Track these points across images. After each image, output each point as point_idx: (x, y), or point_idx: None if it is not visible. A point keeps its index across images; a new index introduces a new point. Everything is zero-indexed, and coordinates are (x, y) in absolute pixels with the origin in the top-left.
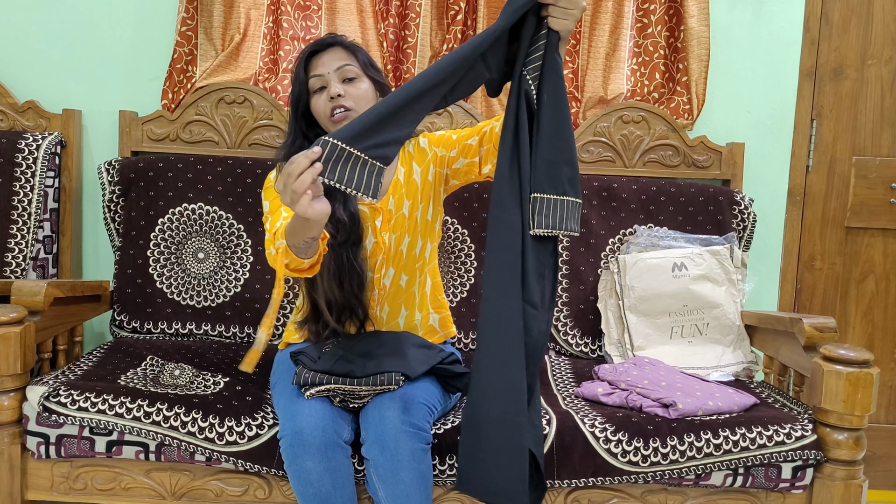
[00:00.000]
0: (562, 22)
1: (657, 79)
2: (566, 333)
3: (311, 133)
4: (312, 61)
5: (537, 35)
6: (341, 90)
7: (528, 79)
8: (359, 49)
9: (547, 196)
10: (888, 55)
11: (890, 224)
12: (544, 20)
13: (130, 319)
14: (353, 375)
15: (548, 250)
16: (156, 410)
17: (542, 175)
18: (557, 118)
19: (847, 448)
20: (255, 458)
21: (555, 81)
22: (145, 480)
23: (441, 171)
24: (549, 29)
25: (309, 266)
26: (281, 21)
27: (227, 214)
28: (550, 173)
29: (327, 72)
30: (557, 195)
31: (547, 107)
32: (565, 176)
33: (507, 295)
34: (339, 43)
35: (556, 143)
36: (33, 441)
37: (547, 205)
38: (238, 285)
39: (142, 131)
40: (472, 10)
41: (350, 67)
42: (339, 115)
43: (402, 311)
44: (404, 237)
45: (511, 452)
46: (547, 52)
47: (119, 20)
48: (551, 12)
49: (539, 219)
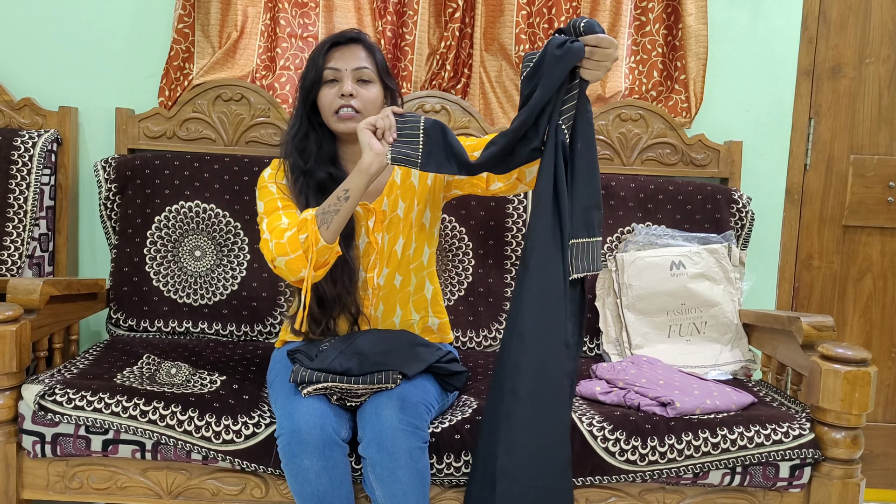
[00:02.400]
0: (594, 73)
1: (655, 77)
2: None
3: (316, 121)
4: (332, 52)
5: (571, 85)
6: (353, 90)
7: (563, 129)
8: (377, 51)
9: (582, 240)
10: (886, 53)
11: (888, 222)
12: (576, 70)
13: (127, 317)
14: (350, 374)
15: (578, 291)
16: (152, 409)
17: (579, 221)
18: (590, 166)
19: (845, 447)
20: (251, 457)
21: (587, 129)
22: (141, 479)
23: (442, 177)
24: (581, 79)
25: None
26: (278, 18)
27: (224, 212)
28: (586, 218)
29: (345, 68)
30: (589, 237)
31: (581, 154)
32: (596, 219)
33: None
34: (362, 40)
35: (590, 189)
36: (29, 440)
37: (583, 249)
38: (235, 283)
39: (138, 129)
40: (470, 8)
41: (367, 70)
42: (344, 114)
43: (397, 311)
44: (398, 238)
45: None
46: (580, 101)
47: (115, 17)
48: (584, 65)
49: (577, 263)
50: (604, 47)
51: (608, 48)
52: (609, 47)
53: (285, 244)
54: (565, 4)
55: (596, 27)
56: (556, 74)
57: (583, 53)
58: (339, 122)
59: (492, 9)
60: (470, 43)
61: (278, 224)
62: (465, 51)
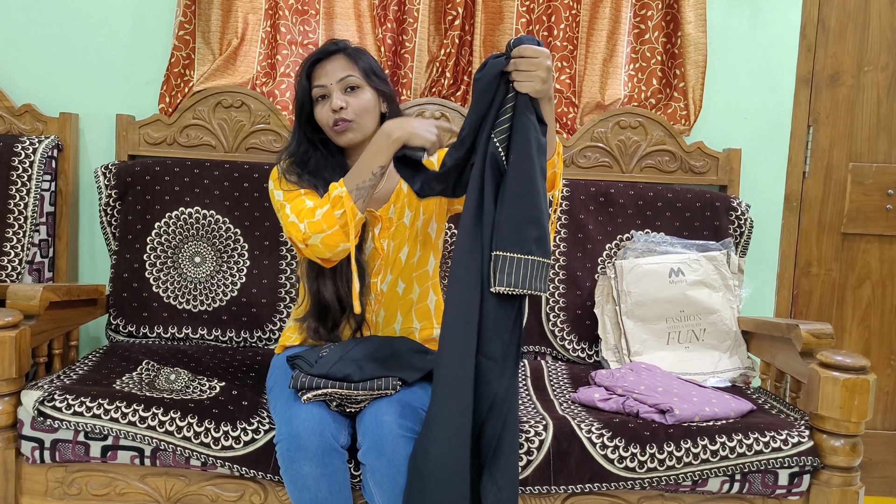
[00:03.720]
0: (528, 84)
1: (654, 84)
2: (563, 339)
3: (317, 138)
4: (315, 70)
5: (506, 98)
6: (343, 102)
7: (495, 142)
8: (361, 56)
9: (510, 255)
10: (884, 62)
11: (886, 230)
12: (511, 83)
13: (126, 323)
14: (350, 380)
15: (512, 307)
16: (151, 415)
17: (505, 234)
18: (522, 179)
19: (844, 454)
20: (250, 463)
21: (521, 144)
22: (140, 485)
23: None
24: (517, 92)
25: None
26: (279, 25)
27: (224, 218)
28: (515, 232)
29: (329, 83)
30: (523, 254)
31: (513, 168)
32: (531, 236)
33: (463, 350)
34: (342, 50)
35: (521, 203)
36: (28, 446)
37: (510, 263)
38: (235, 290)
39: (139, 135)
40: (470, 16)
41: (352, 77)
42: (340, 127)
43: (398, 317)
44: (403, 246)
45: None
46: (515, 114)
47: (116, 24)
48: (515, 77)
49: (500, 276)
50: (528, 56)
51: (534, 57)
52: (535, 56)
53: (320, 221)
54: (565, 12)
55: (525, 40)
56: (478, 89)
57: (502, 66)
58: (337, 136)
59: (491, 16)
60: (469, 50)
61: (304, 206)
62: (464, 58)
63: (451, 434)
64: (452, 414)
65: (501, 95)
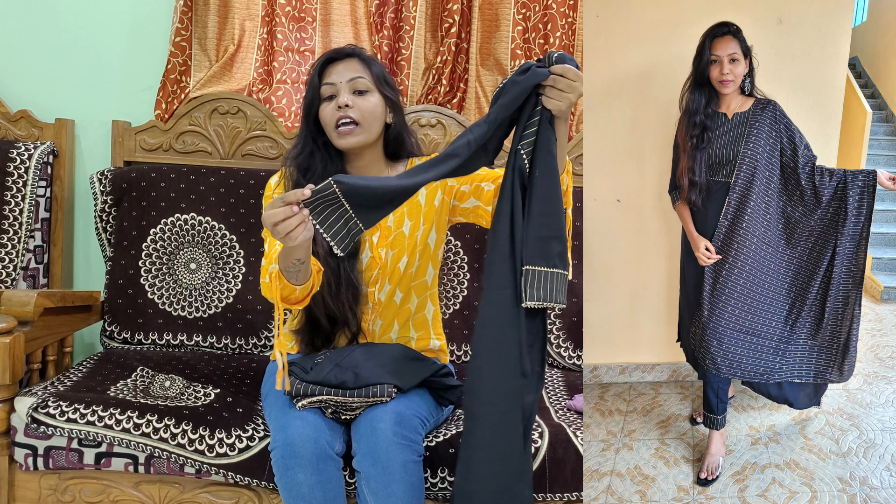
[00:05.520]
0: (555, 103)
1: None
2: (559, 346)
3: (320, 140)
4: (327, 69)
5: (534, 111)
6: (350, 101)
7: (521, 154)
8: (374, 63)
9: (538, 268)
10: None
11: None
12: (540, 97)
13: (121, 330)
14: (345, 387)
15: (537, 321)
16: (145, 422)
17: (534, 249)
18: (549, 196)
19: None
20: (245, 471)
21: (545, 158)
22: (134, 493)
23: (448, 201)
24: (544, 107)
25: (301, 297)
26: (275, 32)
27: (220, 225)
28: (542, 247)
29: (339, 81)
30: (549, 268)
31: (538, 183)
32: (555, 250)
33: (505, 368)
34: (357, 54)
35: (549, 220)
36: (21, 453)
37: (538, 277)
38: (230, 296)
39: (135, 141)
40: (466, 23)
41: (362, 80)
42: (343, 129)
43: (394, 327)
44: (402, 255)
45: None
46: (540, 128)
47: (113, 30)
48: (547, 92)
49: (531, 291)
50: (569, 78)
51: (574, 80)
52: (575, 80)
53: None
54: (561, 20)
55: (568, 60)
56: (514, 93)
57: (543, 77)
58: (339, 138)
59: (488, 24)
60: (466, 58)
61: (271, 251)
62: (460, 65)
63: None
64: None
65: (531, 107)
